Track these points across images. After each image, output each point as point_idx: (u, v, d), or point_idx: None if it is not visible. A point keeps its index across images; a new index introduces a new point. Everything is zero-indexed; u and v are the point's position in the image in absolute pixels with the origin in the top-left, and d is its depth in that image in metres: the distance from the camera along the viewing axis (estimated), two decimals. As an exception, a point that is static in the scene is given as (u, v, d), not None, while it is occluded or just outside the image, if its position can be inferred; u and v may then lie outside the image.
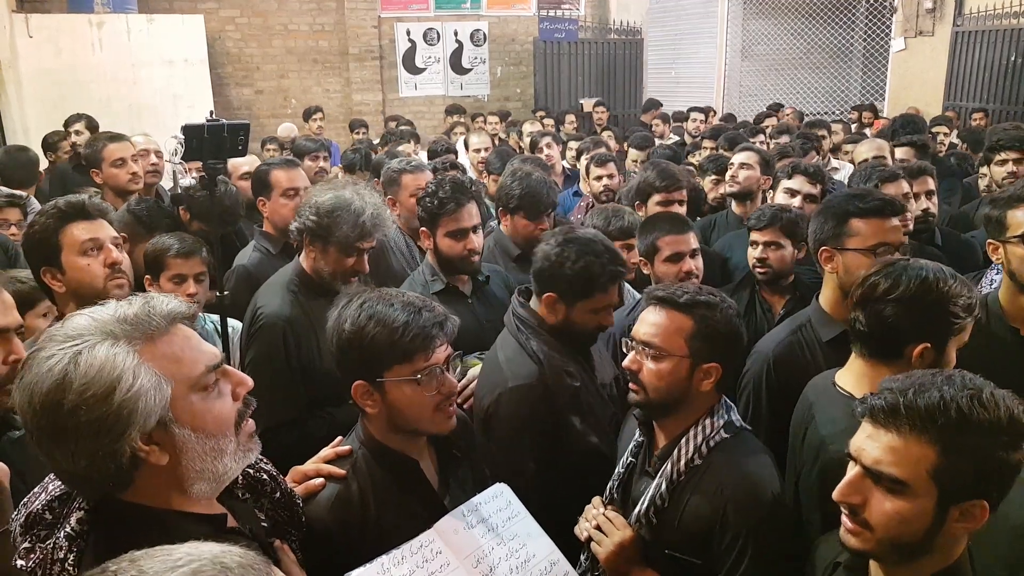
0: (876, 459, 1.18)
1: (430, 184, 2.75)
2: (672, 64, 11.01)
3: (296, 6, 10.14)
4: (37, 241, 2.08)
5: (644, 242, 2.63)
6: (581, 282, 2.01)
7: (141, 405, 1.04)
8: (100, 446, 1.03)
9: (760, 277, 2.77)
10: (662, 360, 1.65)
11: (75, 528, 1.12)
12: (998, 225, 2.24)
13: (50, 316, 2.35)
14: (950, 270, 1.70)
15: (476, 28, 10.88)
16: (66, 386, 1.02)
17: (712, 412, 1.68)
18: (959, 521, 1.15)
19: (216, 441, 1.13)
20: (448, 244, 2.60)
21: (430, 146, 5.56)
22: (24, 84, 7.38)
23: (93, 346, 1.05)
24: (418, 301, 1.57)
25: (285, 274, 2.44)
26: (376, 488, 1.53)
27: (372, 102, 10.47)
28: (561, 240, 2.06)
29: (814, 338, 2.16)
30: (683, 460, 1.63)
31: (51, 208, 2.11)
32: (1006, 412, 1.14)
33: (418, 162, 3.57)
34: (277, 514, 1.38)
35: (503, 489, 1.61)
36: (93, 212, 2.12)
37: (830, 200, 2.28)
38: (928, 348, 1.65)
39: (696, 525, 1.59)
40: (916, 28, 9.01)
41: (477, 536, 1.50)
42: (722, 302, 1.69)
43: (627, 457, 1.80)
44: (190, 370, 1.11)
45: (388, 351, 1.50)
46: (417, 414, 1.54)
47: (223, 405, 1.15)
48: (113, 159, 3.72)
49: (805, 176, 3.22)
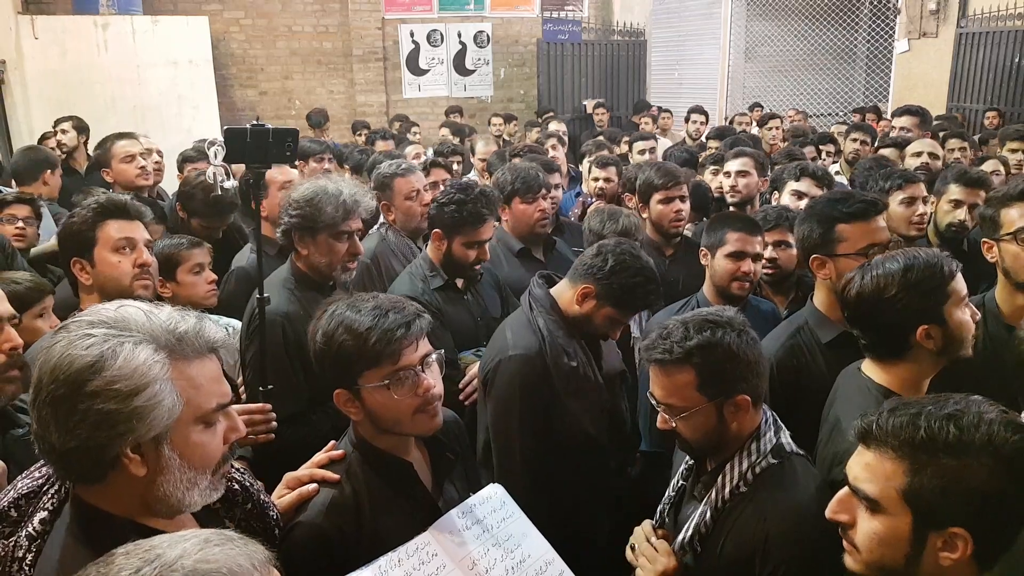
0: (855, 476, 1.19)
1: (455, 191, 2.70)
2: (675, 65, 11.00)
3: (300, 8, 10.16)
4: (75, 231, 2.15)
5: (712, 234, 2.64)
6: (625, 296, 2.11)
7: (151, 417, 1.06)
8: (96, 436, 1.05)
9: (767, 278, 2.77)
10: (687, 417, 1.58)
11: (36, 528, 1.14)
12: (992, 223, 2.25)
13: (47, 316, 2.38)
14: (910, 251, 1.73)
15: (480, 29, 10.89)
16: (97, 369, 1.04)
17: (758, 434, 1.60)
18: (944, 551, 1.11)
19: (195, 474, 1.14)
20: (464, 253, 2.67)
21: (436, 148, 5.58)
22: (29, 85, 7.41)
23: (138, 344, 1.07)
24: (387, 303, 1.54)
25: (281, 273, 2.47)
26: (370, 491, 1.54)
27: (376, 103, 10.48)
28: (626, 251, 2.14)
29: (813, 340, 2.16)
30: (728, 488, 1.57)
31: (92, 203, 2.19)
32: (983, 437, 1.09)
33: (409, 164, 3.58)
34: (249, 525, 1.37)
35: (497, 490, 1.62)
36: (132, 213, 2.19)
37: (813, 206, 2.27)
38: (929, 327, 1.65)
39: (738, 554, 1.54)
40: (920, 29, 9.00)
41: (472, 538, 1.51)
42: (718, 330, 1.57)
43: (678, 480, 1.77)
44: (203, 401, 1.14)
45: (356, 358, 1.49)
46: (396, 417, 1.52)
47: (215, 443, 1.17)
48: (122, 156, 3.78)
49: (813, 179, 3.22)
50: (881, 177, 3.12)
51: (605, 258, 2.11)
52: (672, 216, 3.21)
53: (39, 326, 2.31)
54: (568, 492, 1.92)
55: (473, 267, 2.70)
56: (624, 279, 2.09)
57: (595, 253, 2.15)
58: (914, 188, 2.96)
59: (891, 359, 1.72)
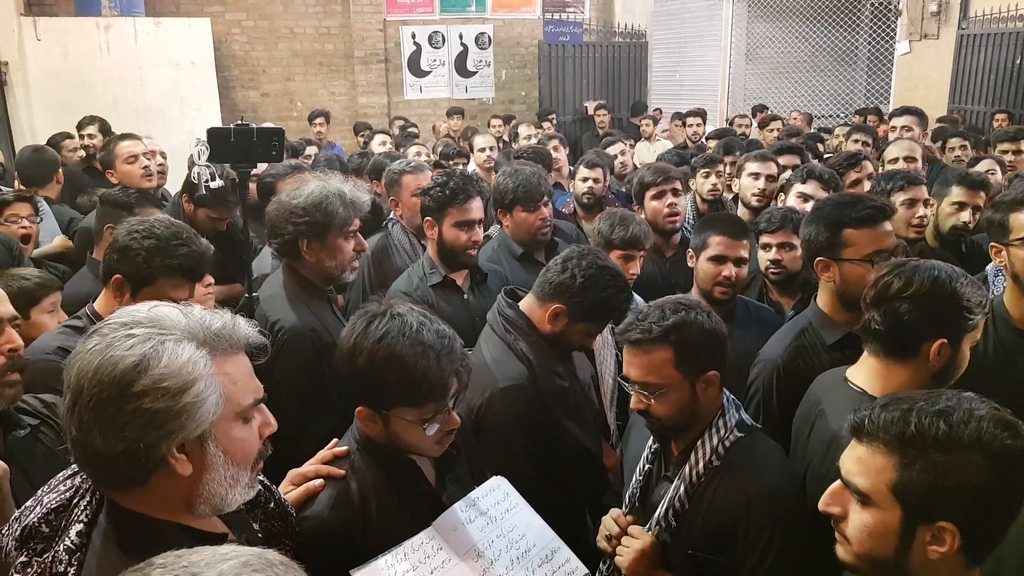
0: (847, 470, 1.20)
1: (439, 175, 2.79)
2: (676, 67, 11.02)
3: (302, 9, 10.17)
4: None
5: (698, 236, 2.66)
6: (598, 311, 2.06)
7: (199, 413, 1.06)
8: (144, 436, 1.04)
9: (774, 279, 2.77)
10: (663, 392, 1.67)
11: (75, 541, 1.12)
12: (1001, 228, 2.24)
13: (56, 312, 2.39)
14: (960, 270, 1.71)
15: (481, 31, 10.90)
16: (143, 369, 1.03)
17: (723, 411, 1.71)
18: (932, 544, 1.13)
19: (237, 471, 1.15)
20: (454, 234, 2.65)
21: (441, 150, 5.59)
22: (32, 86, 7.43)
23: (179, 341, 1.07)
24: (438, 342, 1.49)
25: (283, 286, 2.40)
26: (375, 487, 1.54)
27: (377, 105, 10.49)
28: (592, 263, 2.07)
29: (818, 341, 2.15)
30: (701, 463, 1.67)
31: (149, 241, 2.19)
32: (972, 433, 1.10)
33: (418, 162, 3.64)
34: (271, 524, 1.38)
35: (501, 482, 1.62)
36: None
37: (821, 208, 2.26)
38: (944, 344, 1.65)
39: (720, 524, 1.62)
40: (921, 31, 9.01)
41: (476, 530, 1.51)
42: (691, 311, 1.68)
43: (643, 464, 1.82)
44: (242, 397, 1.15)
45: (400, 395, 1.48)
46: (418, 444, 1.54)
47: (253, 439, 1.18)
48: (125, 156, 3.79)
49: (819, 181, 3.22)
50: (883, 178, 3.13)
51: (573, 275, 2.04)
52: (666, 211, 3.24)
53: (46, 321, 2.32)
54: (566, 505, 1.90)
55: (467, 251, 2.67)
56: (595, 294, 2.03)
57: (561, 269, 2.07)
58: (916, 190, 2.96)
59: (892, 358, 1.71)
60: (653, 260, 3.20)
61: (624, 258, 2.73)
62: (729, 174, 4.36)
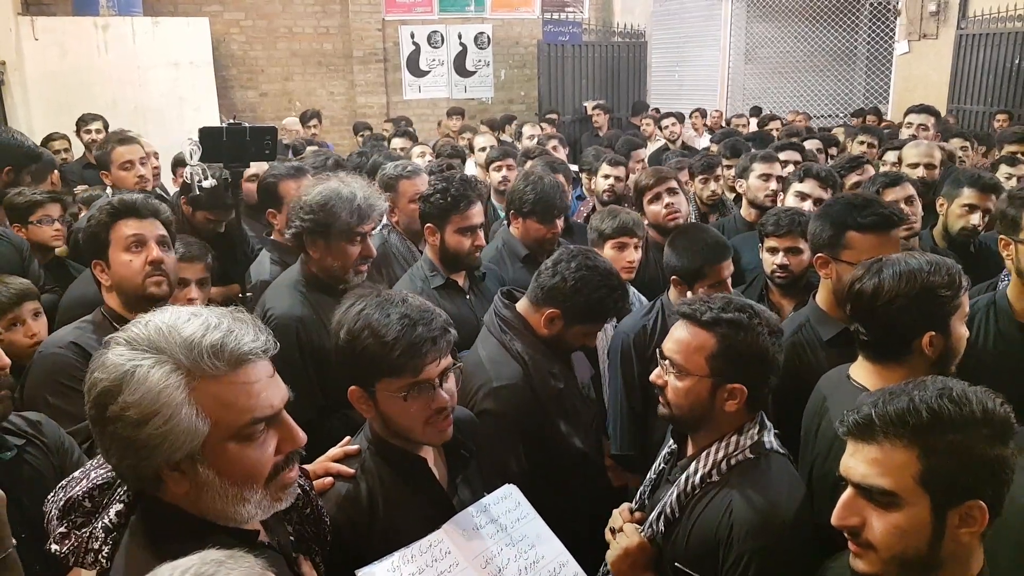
0: (863, 474, 1.16)
1: (438, 181, 2.76)
2: (676, 67, 11.02)
3: (300, 9, 10.16)
4: (91, 235, 2.17)
5: (684, 261, 2.54)
6: (593, 311, 2.05)
7: (166, 443, 1.03)
8: (128, 456, 1.05)
9: (780, 282, 2.75)
10: (683, 378, 1.61)
11: (113, 520, 1.13)
12: (1013, 224, 2.25)
13: (40, 319, 2.46)
14: (929, 255, 1.71)
15: (480, 31, 10.89)
16: (116, 393, 1.02)
17: (741, 431, 1.62)
18: (961, 527, 1.13)
19: (239, 490, 1.09)
20: (458, 240, 2.64)
21: (438, 150, 5.57)
22: (30, 86, 7.40)
23: (151, 368, 1.03)
24: (416, 312, 1.51)
25: (291, 276, 2.43)
26: (385, 487, 1.54)
27: (376, 105, 10.48)
28: (581, 264, 2.06)
29: (814, 337, 2.17)
30: (699, 474, 1.60)
31: (106, 204, 2.20)
32: (979, 405, 1.13)
33: (414, 166, 3.57)
34: (304, 529, 1.37)
35: (513, 490, 1.61)
36: (144, 211, 2.18)
37: (831, 205, 2.26)
38: (934, 335, 1.65)
39: (704, 542, 1.56)
40: (920, 31, 9.01)
41: (486, 537, 1.50)
42: (752, 319, 1.60)
43: (659, 463, 1.79)
44: (235, 419, 1.07)
45: (378, 364, 1.48)
46: (407, 424, 1.53)
47: (260, 456, 1.11)
48: (121, 162, 3.74)
49: (817, 180, 3.21)
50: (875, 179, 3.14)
51: (564, 279, 2.03)
52: (665, 212, 3.24)
53: (26, 330, 2.42)
54: (562, 508, 1.88)
55: (471, 256, 2.67)
56: (587, 295, 2.02)
57: (552, 273, 2.06)
58: (902, 189, 2.96)
59: (888, 361, 1.71)
60: (657, 260, 3.19)
61: (619, 246, 2.82)
62: (732, 176, 4.35)
